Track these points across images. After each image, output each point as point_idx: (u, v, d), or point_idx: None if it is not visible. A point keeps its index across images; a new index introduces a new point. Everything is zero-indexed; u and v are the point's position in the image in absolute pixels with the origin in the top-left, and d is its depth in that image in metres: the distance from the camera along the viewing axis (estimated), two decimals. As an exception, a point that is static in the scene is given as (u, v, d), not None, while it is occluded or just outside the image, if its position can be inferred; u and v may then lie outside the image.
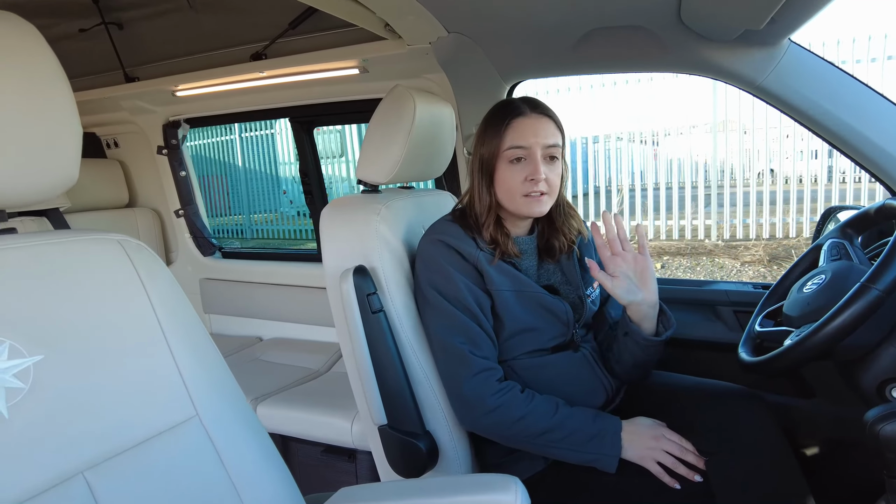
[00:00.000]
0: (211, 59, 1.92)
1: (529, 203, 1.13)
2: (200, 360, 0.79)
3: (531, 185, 1.11)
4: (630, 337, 1.14)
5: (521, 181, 1.12)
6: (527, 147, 1.11)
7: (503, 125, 1.13)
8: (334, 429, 1.65)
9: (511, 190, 1.13)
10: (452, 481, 0.77)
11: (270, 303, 2.43)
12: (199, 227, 2.57)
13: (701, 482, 1.03)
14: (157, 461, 0.71)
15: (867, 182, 6.16)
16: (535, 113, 1.14)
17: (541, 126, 1.13)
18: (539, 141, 1.12)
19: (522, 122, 1.12)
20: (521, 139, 1.12)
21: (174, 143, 2.43)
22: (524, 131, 1.12)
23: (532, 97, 1.19)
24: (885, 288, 0.87)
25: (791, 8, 1.04)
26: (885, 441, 0.77)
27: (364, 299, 1.13)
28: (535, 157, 1.11)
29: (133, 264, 0.76)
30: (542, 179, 1.11)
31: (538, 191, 1.12)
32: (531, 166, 1.11)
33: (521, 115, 1.13)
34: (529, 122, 1.12)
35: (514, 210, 1.15)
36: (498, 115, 1.15)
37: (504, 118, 1.14)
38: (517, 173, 1.12)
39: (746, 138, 6.67)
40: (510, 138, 1.12)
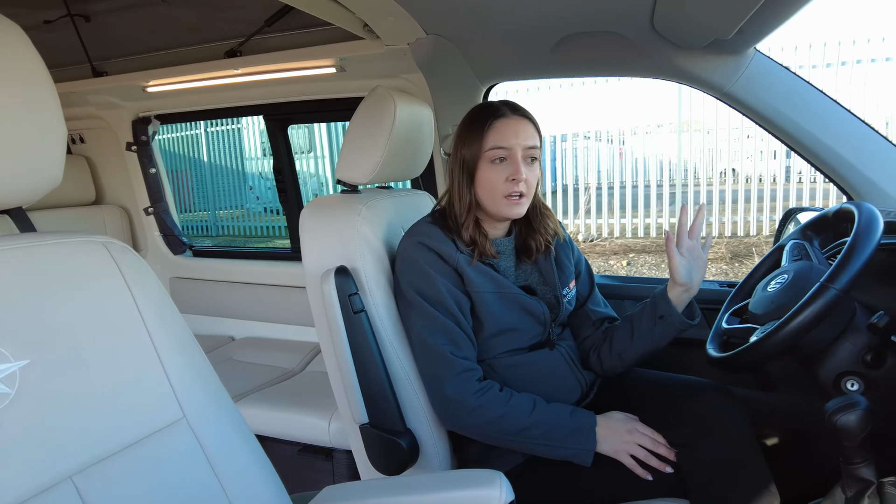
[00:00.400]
0: (184, 54, 1.89)
1: (509, 205, 1.16)
2: (187, 362, 0.79)
3: (512, 185, 1.14)
4: (665, 320, 1.18)
5: (503, 181, 1.14)
6: (508, 148, 1.14)
7: (485, 126, 1.15)
8: (311, 428, 1.65)
9: (492, 190, 1.15)
10: (438, 477, 0.79)
11: (242, 302, 2.41)
12: (170, 224, 2.53)
13: (672, 473, 1.07)
14: (145, 464, 0.71)
15: (821, 182, 6.41)
16: (515, 115, 1.17)
17: (521, 128, 1.15)
18: (520, 142, 1.14)
19: (504, 124, 1.15)
20: (502, 140, 1.14)
21: (144, 139, 2.38)
22: (506, 132, 1.14)
23: (512, 101, 1.21)
24: (842, 287, 0.93)
25: (758, 19, 1.09)
26: (842, 430, 0.82)
27: (346, 300, 1.14)
28: (517, 157, 1.14)
29: (118, 267, 0.76)
30: (523, 180, 1.14)
31: (518, 192, 1.14)
32: (512, 167, 1.14)
33: (502, 117, 1.16)
34: (511, 123, 1.15)
35: (494, 211, 1.18)
36: (479, 117, 1.17)
37: (486, 119, 1.16)
38: (499, 173, 1.15)
39: (709, 138, 6.86)
40: (492, 139, 1.14)
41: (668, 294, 1.17)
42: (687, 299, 1.18)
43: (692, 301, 1.21)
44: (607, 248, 6.81)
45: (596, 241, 7.09)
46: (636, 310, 1.26)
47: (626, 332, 1.25)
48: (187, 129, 10.02)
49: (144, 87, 2.07)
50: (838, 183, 1.38)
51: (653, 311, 1.19)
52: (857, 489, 0.83)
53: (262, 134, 9.79)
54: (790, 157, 6.87)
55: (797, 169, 6.82)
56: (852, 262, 0.93)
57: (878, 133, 1.34)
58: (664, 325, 1.18)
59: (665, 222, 6.90)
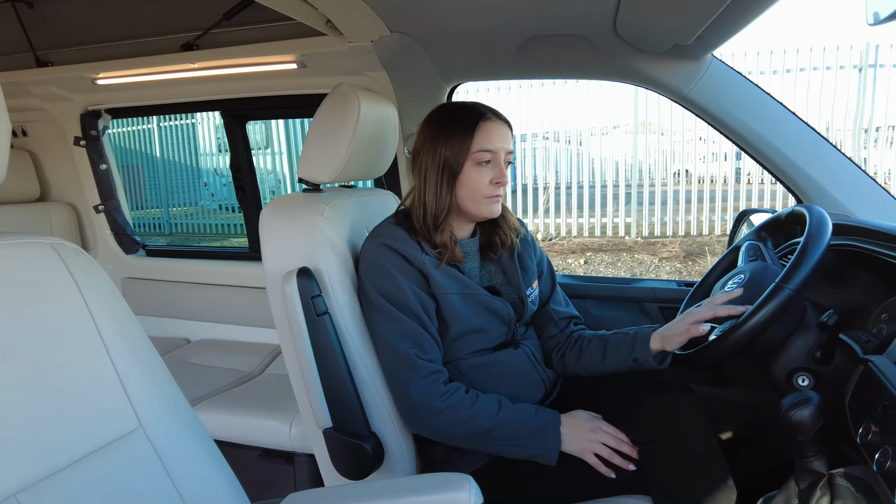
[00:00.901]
0: (137, 46, 1.81)
1: (491, 204, 1.17)
2: (143, 369, 0.75)
3: (495, 188, 1.16)
4: (637, 362, 1.19)
5: (487, 183, 1.15)
6: (494, 151, 1.15)
7: (473, 127, 1.14)
8: (272, 432, 1.61)
9: (476, 192, 1.16)
10: (405, 482, 0.78)
11: (198, 303, 2.34)
12: (122, 223, 2.42)
13: (634, 471, 1.09)
14: (98, 477, 0.67)
15: (769, 184, 6.68)
16: (499, 119, 1.18)
17: (505, 132, 1.17)
18: (504, 146, 1.16)
19: (490, 127, 1.15)
20: (489, 143, 1.14)
21: (93, 134, 2.28)
22: (493, 135, 1.15)
23: (488, 105, 1.21)
24: (795, 287, 0.96)
25: (716, 26, 1.12)
26: (796, 425, 0.85)
27: (308, 301, 1.11)
28: (500, 160, 1.16)
29: (69, 270, 0.72)
30: (507, 183, 1.16)
31: (498, 193, 1.17)
32: (497, 169, 1.16)
33: (489, 120, 1.16)
34: (496, 126, 1.16)
35: (475, 211, 1.18)
36: (464, 118, 1.16)
37: (473, 121, 1.15)
38: (483, 175, 1.15)
39: (664, 140, 7.05)
40: (480, 141, 1.14)
41: (649, 343, 1.18)
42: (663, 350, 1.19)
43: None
44: (565, 246, 6.91)
45: (554, 240, 7.20)
46: (613, 336, 1.26)
47: (597, 354, 1.26)
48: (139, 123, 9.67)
49: (94, 80, 1.98)
50: (789, 186, 1.44)
51: (630, 350, 1.20)
52: (809, 481, 0.87)
53: (217, 129, 9.54)
54: (740, 159, 7.13)
55: (746, 170, 7.10)
56: (804, 263, 0.97)
57: (826, 139, 1.40)
58: (635, 364, 1.21)
59: (621, 221, 7.06)
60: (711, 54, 1.39)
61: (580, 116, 7.21)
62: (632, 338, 1.21)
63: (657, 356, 1.18)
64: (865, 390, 0.88)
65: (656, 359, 1.18)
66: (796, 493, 0.88)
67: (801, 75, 6.33)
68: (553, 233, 7.33)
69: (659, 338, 1.17)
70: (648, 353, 1.17)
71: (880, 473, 0.75)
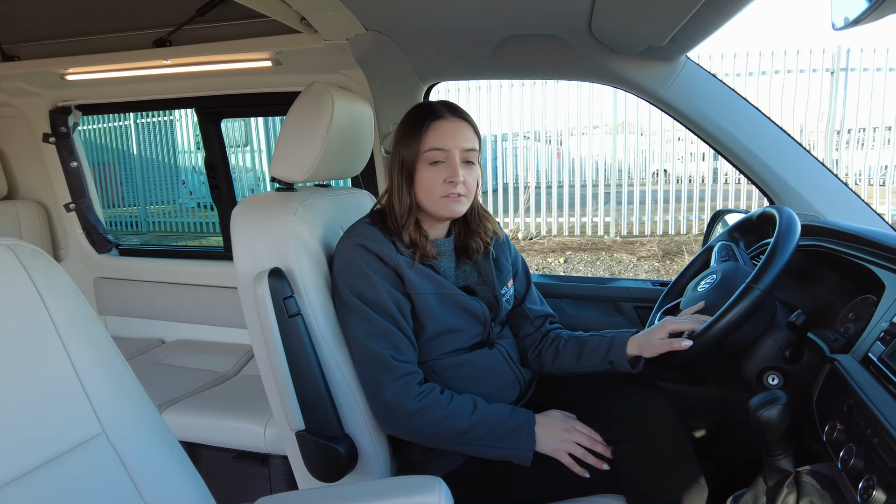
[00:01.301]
0: (108, 41, 1.77)
1: (448, 204, 1.15)
2: (106, 373, 0.73)
3: (450, 186, 1.13)
4: (613, 365, 1.20)
5: (441, 183, 1.13)
6: (446, 149, 1.13)
7: (423, 127, 1.14)
8: (246, 434, 1.59)
9: (431, 191, 1.14)
10: (376, 486, 0.78)
11: (173, 303, 2.30)
12: (94, 221, 2.37)
13: (608, 470, 1.10)
14: (58, 484, 0.65)
15: (745, 184, 6.78)
16: (454, 117, 1.16)
17: (459, 130, 1.15)
18: (458, 144, 1.14)
19: (442, 125, 1.14)
20: (440, 142, 1.13)
21: (63, 130, 2.22)
22: (444, 134, 1.13)
23: (451, 102, 1.20)
24: (765, 288, 0.98)
25: (689, 28, 1.13)
26: (764, 424, 0.86)
27: (280, 303, 1.10)
28: (454, 159, 1.13)
29: (27, 272, 0.70)
30: (461, 182, 1.13)
31: (456, 192, 1.14)
32: (450, 169, 1.13)
33: (440, 118, 1.15)
34: (449, 125, 1.14)
35: (434, 211, 1.17)
36: (417, 118, 1.16)
37: (424, 120, 1.15)
38: (436, 175, 1.14)
39: (642, 140, 7.13)
40: (430, 140, 1.13)
41: (625, 348, 1.18)
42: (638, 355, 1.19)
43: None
44: (546, 245, 6.95)
45: (535, 239, 7.23)
46: (589, 338, 1.26)
47: (572, 355, 1.26)
48: (115, 119, 9.49)
49: (63, 75, 1.93)
50: (761, 187, 1.46)
51: (605, 353, 1.21)
52: (777, 479, 0.88)
53: (195, 126, 9.40)
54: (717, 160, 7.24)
55: (724, 171, 7.20)
56: (774, 263, 0.98)
57: (797, 142, 1.42)
58: (610, 367, 1.21)
59: (600, 221, 7.12)
60: (686, 56, 1.41)
61: (560, 116, 7.24)
62: (608, 341, 1.21)
63: (632, 361, 1.18)
64: (832, 389, 0.90)
65: (631, 363, 1.18)
66: (764, 491, 0.89)
67: (775, 78, 6.45)
68: (533, 232, 7.37)
69: (636, 344, 1.17)
70: (624, 358, 1.18)
71: (844, 471, 0.76)
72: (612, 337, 1.22)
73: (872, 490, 0.69)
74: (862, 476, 0.72)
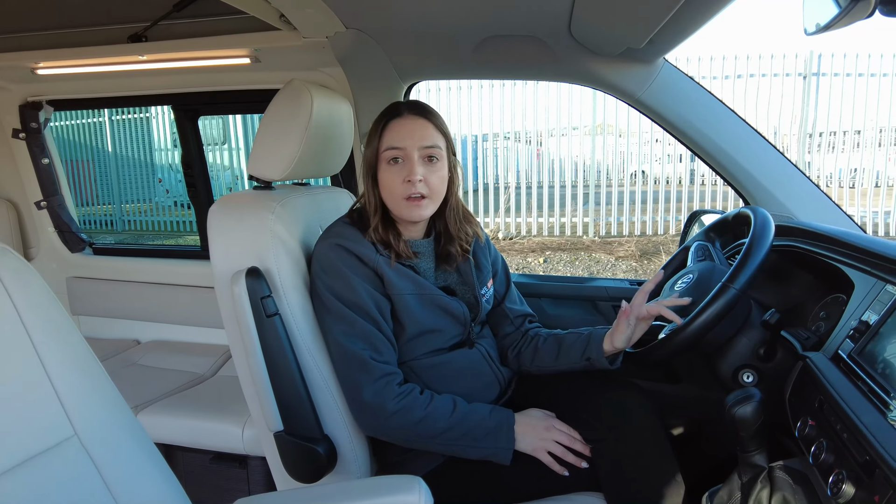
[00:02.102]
0: (81, 35, 1.72)
1: (410, 207, 1.13)
2: (79, 375, 0.72)
3: (409, 186, 1.12)
4: (590, 361, 1.19)
5: (400, 182, 1.12)
6: (402, 148, 1.12)
7: (381, 126, 1.14)
8: (224, 435, 1.57)
9: (392, 192, 1.14)
10: (355, 485, 0.77)
11: (149, 303, 2.26)
12: (66, 220, 2.31)
13: (587, 468, 1.11)
14: (30, 488, 0.64)
15: (722, 185, 6.91)
16: (411, 114, 1.15)
17: (417, 127, 1.14)
18: (416, 143, 1.12)
19: (399, 124, 1.14)
20: (396, 140, 1.12)
21: (34, 126, 2.16)
22: (401, 133, 1.13)
23: (416, 100, 1.20)
24: (740, 287, 1.00)
25: (667, 31, 1.14)
26: (739, 421, 0.88)
27: (258, 303, 1.08)
28: (412, 158, 1.12)
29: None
30: (419, 181, 1.12)
31: (417, 192, 1.12)
32: (407, 168, 1.12)
33: (397, 117, 1.14)
34: (406, 123, 1.14)
35: (397, 213, 1.16)
36: (378, 118, 1.17)
37: (382, 120, 1.15)
38: (395, 174, 1.13)
39: (621, 141, 7.21)
40: (387, 139, 1.13)
41: (602, 344, 1.19)
42: (616, 352, 1.20)
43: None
44: (526, 245, 6.99)
45: (515, 239, 7.27)
46: (567, 336, 1.26)
47: (551, 353, 1.27)
48: (90, 116, 9.30)
49: (33, 69, 1.88)
50: (736, 188, 1.48)
51: (583, 350, 1.21)
52: (751, 475, 0.90)
53: (173, 123, 9.25)
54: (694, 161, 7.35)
55: (701, 172, 7.32)
56: (749, 263, 1.00)
57: (771, 144, 1.45)
58: (588, 364, 1.21)
59: (579, 221, 7.19)
60: (664, 58, 1.42)
61: (540, 117, 7.28)
62: (585, 338, 1.22)
63: (610, 357, 1.19)
64: (803, 386, 0.92)
65: (609, 359, 1.19)
66: (739, 486, 0.91)
67: (750, 81, 6.58)
68: (513, 232, 7.40)
69: (609, 338, 1.18)
70: (601, 354, 1.19)
71: (815, 465, 0.78)
72: (589, 334, 1.22)
73: (842, 484, 0.71)
74: (832, 470, 0.74)
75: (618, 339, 1.15)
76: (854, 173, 6.86)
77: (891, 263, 0.92)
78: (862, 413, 0.74)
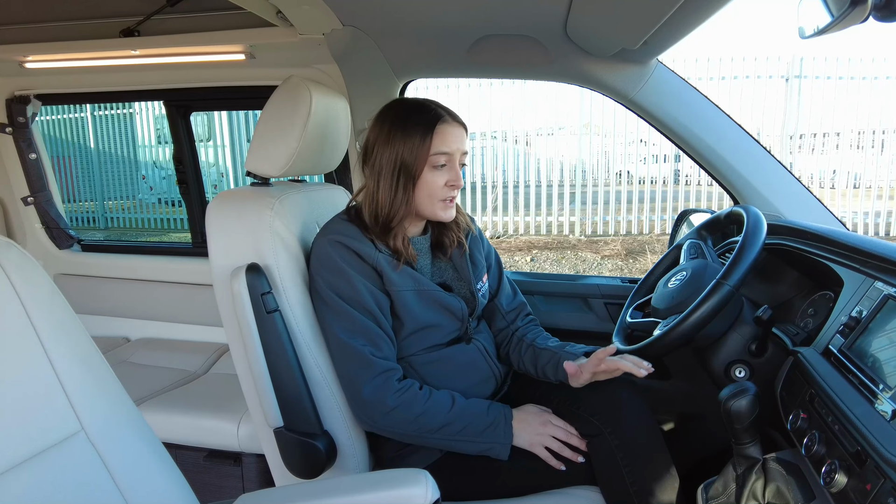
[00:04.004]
0: (72, 29, 1.70)
1: (445, 208, 1.18)
2: (85, 370, 0.72)
3: (450, 190, 1.16)
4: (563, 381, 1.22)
5: (442, 186, 1.15)
6: (450, 153, 1.15)
7: (431, 130, 1.13)
8: (219, 432, 1.57)
9: (433, 194, 1.16)
10: (362, 479, 0.78)
11: (139, 300, 2.24)
12: (54, 216, 2.28)
13: (583, 462, 1.13)
14: (37, 483, 0.64)
15: (706, 186, 7.01)
16: (455, 121, 1.17)
17: (460, 134, 1.17)
18: (459, 148, 1.16)
19: (448, 129, 1.15)
20: (445, 145, 1.14)
21: (21, 121, 2.13)
22: (448, 138, 1.14)
23: (446, 106, 1.20)
24: (734, 284, 1.02)
25: (662, 32, 1.16)
26: (734, 414, 0.90)
27: (258, 299, 1.08)
28: (456, 163, 1.16)
29: (1, 266, 0.68)
30: (461, 185, 1.16)
31: (452, 195, 1.17)
32: (453, 172, 1.15)
33: (446, 122, 1.15)
34: (452, 129, 1.15)
35: (430, 213, 1.18)
36: (422, 118, 1.14)
37: (430, 122, 1.13)
38: (439, 178, 1.15)
39: (607, 141, 7.27)
40: (437, 143, 1.13)
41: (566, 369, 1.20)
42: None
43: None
44: (513, 244, 7.02)
45: (502, 237, 7.30)
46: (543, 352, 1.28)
47: (531, 363, 1.29)
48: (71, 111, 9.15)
49: (22, 63, 1.85)
50: (726, 187, 1.51)
51: (554, 372, 1.24)
52: (745, 466, 0.92)
53: (157, 120, 9.15)
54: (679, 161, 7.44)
55: (685, 172, 7.41)
56: (743, 260, 1.03)
57: (760, 144, 1.48)
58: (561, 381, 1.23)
59: (566, 220, 7.24)
60: (657, 59, 1.45)
61: (527, 117, 7.32)
62: (556, 362, 1.24)
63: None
64: (795, 380, 0.95)
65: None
66: (734, 478, 0.93)
67: (734, 83, 6.68)
68: (501, 230, 7.43)
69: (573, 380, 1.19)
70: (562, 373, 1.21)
71: (808, 457, 0.81)
72: (559, 358, 1.24)
73: (835, 474, 0.73)
74: (824, 461, 0.76)
75: (575, 382, 1.18)
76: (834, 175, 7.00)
77: (880, 261, 0.95)
78: (853, 405, 0.77)
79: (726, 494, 0.94)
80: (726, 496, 0.94)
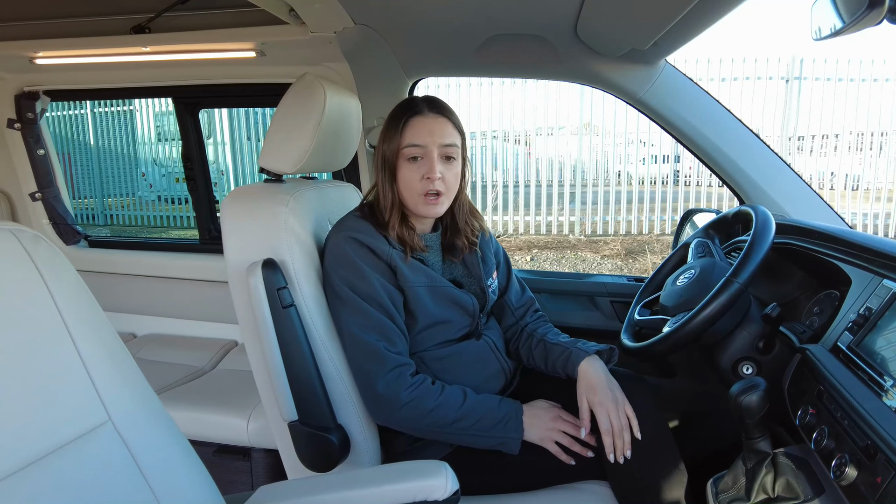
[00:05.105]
0: (82, 26, 1.71)
1: (426, 204, 1.16)
2: (111, 361, 0.73)
3: (427, 183, 1.15)
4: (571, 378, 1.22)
5: (419, 179, 1.15)
6: (423, 146, 1.14)
7: (401, 123, 1.15)
8: (228, 428, 1.58)
9: (410, 188, 1.16)
10: (381, 471, 0.79)
11: (145, 297, 2.25)
12: (62, 212, 2.29)
13: (593, 458, 1.14)
14: (67, 473, 0.65)
15: (705, 186, 7.03)
16: (432, 112, 1.17)
17: (437, 126, 1.16)
18: (435, 140, 1.15)
19: (420, 121, 1.15)
20: (417, 138, 1.14)
21: (30, 116, 2.14)
22: (420, 130, 1.15)
23: (434, 97, 1.21)
24: (744, 281, 1.03)
25: (672, 33, 1.18)
26: (745, 409, 0.92)
27: (274, 294, 1.09)
28: (432, 156, 1.14)
29: (31, 258, 0.69)
30: (438, 178, 1.14)
31: (435, 190, 1.15)
32: (427, 165, 1.14)
33: (418, 114, 1.16)
34: (426, 121, 1.15)
35: (414, 209, 1.18)
36: (398, 113, 1.18)
37: (402, 116, 1.16)
38: (415, 172, 1.15)
39: (607, 141, 7.30)
40: (408, 136, 1.14)
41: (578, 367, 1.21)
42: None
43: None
44: (513, 243, 7.04)
45: (502, 237, 7.32)
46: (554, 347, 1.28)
47: (541, 358, 1.30)
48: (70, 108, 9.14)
49: (32, 59, 1.86)
50: (732, 187, 1.53)
51: (563, 367, 1.24)
52: (755, 460, 0.93)
53: (157, 117, 9.15)
54: (678, 162, 7.47)
55: (684, 173, 7.44)
56: (752, 258, 1.04)
57: (766, 145, 1.50)
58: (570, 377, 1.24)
59: (566, 220, 7.26)
60: (665, 60, 1.46)
61: (528, 116, 7.34)
62: (566, 357, 1.24)
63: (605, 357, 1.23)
64: (802, 376, 0.96)
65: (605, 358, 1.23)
66: (744, 472, 0.95)
67: (733, 84, 6.70)
68: (501, 230, 7.45)
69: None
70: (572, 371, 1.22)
71: (817, 451, 0.82)
72: (570, 353, 1.24)
73: (845, 467, 0.74)
74: (834, 455, 0.78)
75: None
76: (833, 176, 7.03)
77: (888, 259, 0.97)
78: (863, 400, 0.78)
79: (736, 488, 0.95)
80: (736, 490, 0.95)
